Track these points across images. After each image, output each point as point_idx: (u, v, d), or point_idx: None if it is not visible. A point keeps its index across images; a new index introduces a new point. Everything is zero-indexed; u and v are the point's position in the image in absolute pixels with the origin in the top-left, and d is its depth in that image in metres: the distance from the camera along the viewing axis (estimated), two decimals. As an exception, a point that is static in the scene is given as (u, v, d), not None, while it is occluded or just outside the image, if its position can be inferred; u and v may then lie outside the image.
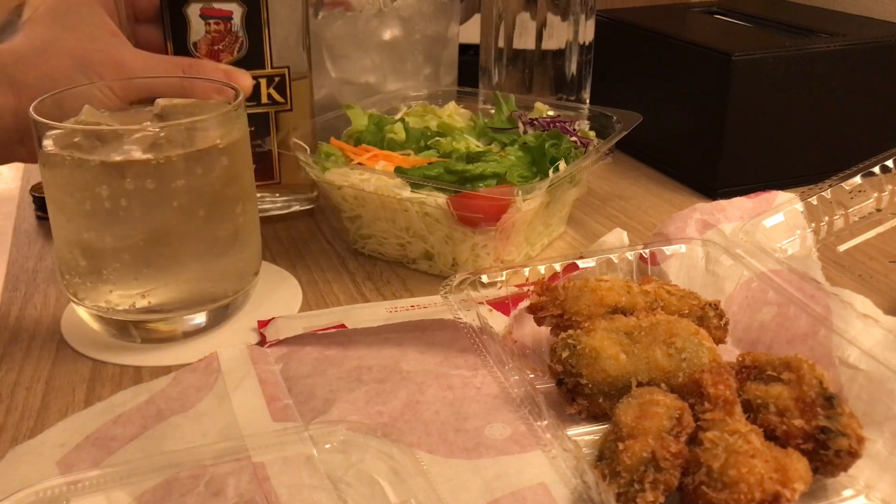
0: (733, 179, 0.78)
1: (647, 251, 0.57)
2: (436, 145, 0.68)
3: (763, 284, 0.53)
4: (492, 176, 0.61)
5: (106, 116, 0.55)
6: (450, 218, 0.60)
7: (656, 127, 0.82)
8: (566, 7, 0.80)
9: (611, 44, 0.90)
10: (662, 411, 0.40)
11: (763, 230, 0.57)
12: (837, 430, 0.39)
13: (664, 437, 0.39)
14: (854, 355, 0.46)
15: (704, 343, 0.46)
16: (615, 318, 0.48)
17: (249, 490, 0.41)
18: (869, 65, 0.80)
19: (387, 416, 0.46)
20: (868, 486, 0.41)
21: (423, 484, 0.41)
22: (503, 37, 0.82)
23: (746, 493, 0.36)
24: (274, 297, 0.61)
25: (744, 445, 0.38)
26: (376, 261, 0.67)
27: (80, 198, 0.50)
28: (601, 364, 0.45)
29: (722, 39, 0.83)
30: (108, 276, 0.52)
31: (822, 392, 0.41)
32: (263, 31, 0.67)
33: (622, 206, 0.78)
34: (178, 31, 0.65)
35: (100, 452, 0.44)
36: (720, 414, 0.40)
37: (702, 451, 0.38)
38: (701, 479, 0.37)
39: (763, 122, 0.78)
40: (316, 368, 0.51)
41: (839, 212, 0.59)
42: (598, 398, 0.45)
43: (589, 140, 0.70)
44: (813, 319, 0.49)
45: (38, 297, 0.62)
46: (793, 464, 0.37)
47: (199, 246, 0.53)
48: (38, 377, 0.52)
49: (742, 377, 0.44)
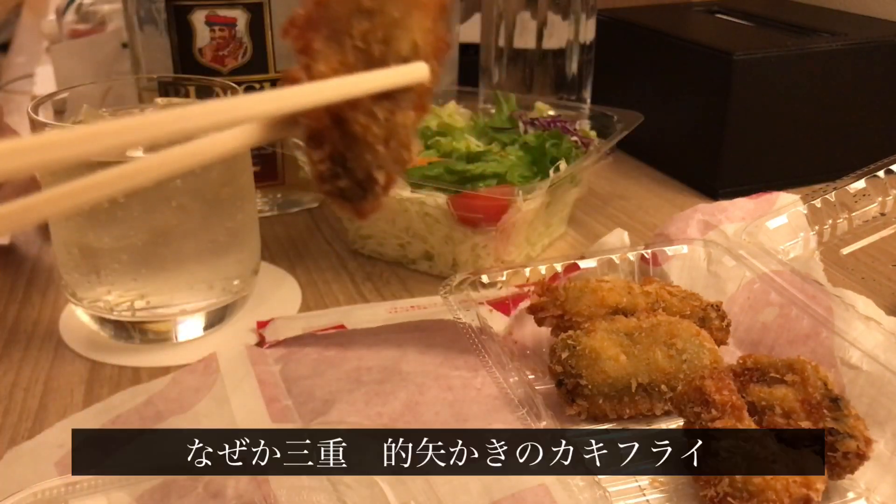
0: (735, 180, 0.78)
1: (648, 252, 0.57)
2: (436, 145, 0.67)
3: (765, 285, 0.52)
4: (492, 176, 0.61)
5: (105, 116, 0.55)
6: (450, 218, 0.60)
7: (657, 127, 0.82)
8: (567, 6, 0.79)
9: (612, 43, 0.90)
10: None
11: (766, 232, 0.57)
12: (845, 432, 0.39)
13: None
14: (856, 356, 0.45)
15: (705, 344, 0.46)
16: (616, 319, 0.48)
17: (248, 491, 0.40)
18: (871, 64, 0.79)
19: (386, 418, 0.46)
20: (869, 488, 0.41)
21: (422, 486, 0.41)
22: (503, 36, 0.82)
23: (775, 501, 0.36)
24: (273, 298, 0.61)
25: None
26: (376, 261, 0.67)
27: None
28: (601, 365, 0.45)
29: (723, 39, 0.83)
30: (107, 276, 0.51)
31: (828, 393, 0.40)
32: (267, 37, 0.67)
33: (623, 207, 0.78)
34: (183, 37, 0.66)
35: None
36: (730, 421, 0.39)
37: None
38: (724, 490, 0.37)
39: (765, 122, 0.78)
40: (315, 369, 0.51)
41: (843, 215, 0.59)
42: (597, 399, 0.45)
43: (590, 140, 0.69)
44: (815, 321, 0.49)
45: (36, 297, 0.61)
46: (810, 464, 0.37)
47: (197, 246, 0.53)
48: (37, 378, 0.52)
49: (744, 379, 0.43)
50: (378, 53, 0.29)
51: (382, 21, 0.29)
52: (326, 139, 0.29)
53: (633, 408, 0.46)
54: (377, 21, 0.29)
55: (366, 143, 0.29)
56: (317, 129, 0.29)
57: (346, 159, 0.29)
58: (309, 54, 0.29)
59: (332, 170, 0.30)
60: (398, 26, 0.29)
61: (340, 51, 0.29)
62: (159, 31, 0.67)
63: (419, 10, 0.30)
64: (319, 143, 0.29)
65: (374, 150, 0.29)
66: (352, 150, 0.29)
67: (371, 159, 0.29)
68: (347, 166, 0.29)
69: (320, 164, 0.30)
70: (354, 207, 0.31)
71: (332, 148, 0.29)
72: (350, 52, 0.29)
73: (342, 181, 0.30)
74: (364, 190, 0.30)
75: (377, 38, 0.29)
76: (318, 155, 0.29)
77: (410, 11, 0.29)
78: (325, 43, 0.29)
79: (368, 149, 0.29)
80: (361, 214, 0.31)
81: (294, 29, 0.29)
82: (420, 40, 0.30)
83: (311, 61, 0.29)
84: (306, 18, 0.29)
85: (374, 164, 0.30)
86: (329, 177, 0.30)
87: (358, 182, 0.30)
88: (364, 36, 0.29)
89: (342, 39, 0.29)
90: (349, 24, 0.29)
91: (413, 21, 0.29)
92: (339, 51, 0.29)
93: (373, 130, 0.29)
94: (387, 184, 0.30)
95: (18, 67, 1.17)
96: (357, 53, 0.29)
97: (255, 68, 0.67)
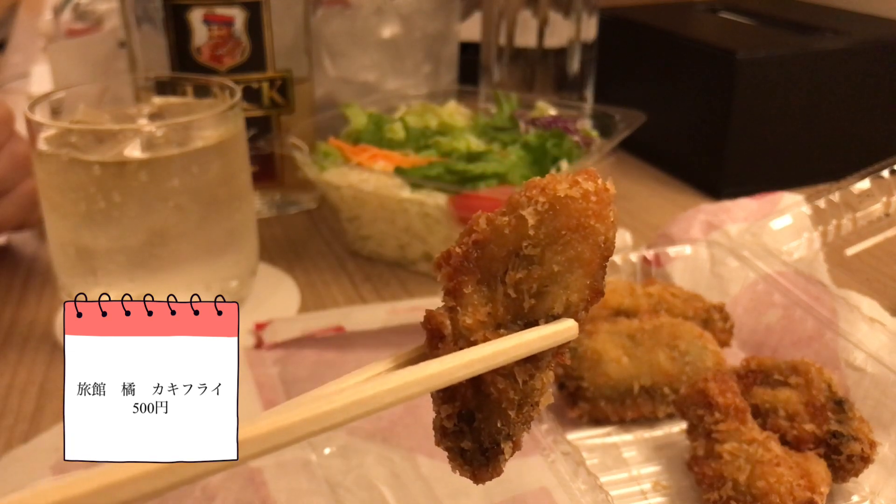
0: (738, 179, 0.78)
1: (650, 253, 0.57)
2: (436, 145, 0.67)
3: (768, 287, 0.52)
4: (493, 176, 0.61)
5: (103, 116, 0.54)
6: (450, 218, 0.60)
7: (660, 126, 0.82)
8: (568, 5, 0.79)
9: (613, 42, 0.89)
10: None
11: (769, 232, 0.56)
12: (850, 435, 0.39)
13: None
14: (860, 358, 0.45)
15: (708, 346, 0.46)
16: (618, 321, 0.47)
17: (246, 495, 0.40)
18: (874, 63, 0.79)
19: (386, 421, 0.45)
20: (874, 491, 0.41)
21: (422, 489, 0.40)
22: (504, 35, 0.81)
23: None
24: (271, 299, 0.60)
25: (766, 454, 0.37)
26: (375, 262, 0.67)
27: (74, 198, 0.49)
28: (603, 367, 0.45)
29: (726, 38, 0.82)
30: (103, 277, 0.51)
31: (832, 396, 0.40)
32: (265, 35, 0.67)
33: (625, 207, 0.77)
34: (180, 36, 0.65)
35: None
36: (734, 423, 0.39)
37: (723, 464, 0.37)
38: (728, 493, 0.37)
39: (768, 122, 0.77)
40: (314, 371, 0.50)
41: (847, 215, 0.58)
42: (599, 402, 0.45)
43: (591, 139, 0.69)
44: (819, 322, 0.48)
45: (32, 298, 0.61)
46: (814, 467, 0.37)
47: (194, 247, 0.52)
48: (33, 380, 0.51)
49: (748, 382, 0.43)
50: (528, 308, 0.27)
51: (540, 274, 0.26)
52: (458, 394, 0.27)
53: (635, 410, 0.45)
54: (534, 272, 0.26)
55: (499, 408, 0.27)
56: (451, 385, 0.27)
57: (474, 419, 0.27)
58: (457, 298, 0.27)
59: (458, 428, 0.28)
60: (556, 282, 0.27)
61: (491, 298, 0.27)
62: (157, 30, 0.66)
63: (582, 267, 0.27)
64: (451, 397, 0.27)
65: (507, 415, 0.27)
66: (482, 412, 0.27)
67: (501, 426, 0.27)
68: (474, 427, 0.27)
69: (447, 420, 0.28)
70: (473, 472, 0.28)
71: (462, 405, 0.27)
72: (500, 301, 0.27)
73: (466, 443, 0.28)
74: (487, 458, 0.28)
75: (531, 291, 0.27)
76: (446, 410, 0.27)
77: (572, 268, 0.27)
78: (475, 287, 0.27)
79: (501, 414, 0.27)
80: (478, 480, 0.29)
81: (447, 267, 0.28)
82: (576, 299, 0.27)
83: (459, 307, 0.27)
84: (462, 257, 0.27)
85: (503, 432, 0.27)
86: (453, 434, 0.28)
87: (482, 449, 0.28)
88: (517, 285, 0.27)
89: (494, 285, 0.27)
90: (504, 269, 0.27)
91: (573, 279, 0.27)
92: (490, 298, 0.27)
93: (509, 395, 0.27)
94: (512, 452, 0.28)
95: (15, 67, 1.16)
96: (507, 302, 0.27)
97: (253, 67, 0.67)
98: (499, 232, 0.27)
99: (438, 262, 0.28)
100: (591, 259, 0.27)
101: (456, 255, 0.27)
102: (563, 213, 0.26)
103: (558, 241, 0.26)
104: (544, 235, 0.26)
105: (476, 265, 0.27)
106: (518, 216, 0.27)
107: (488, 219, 0.28)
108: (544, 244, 0.26)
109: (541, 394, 0.28)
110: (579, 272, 0.27)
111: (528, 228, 0.26)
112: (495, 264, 0.27)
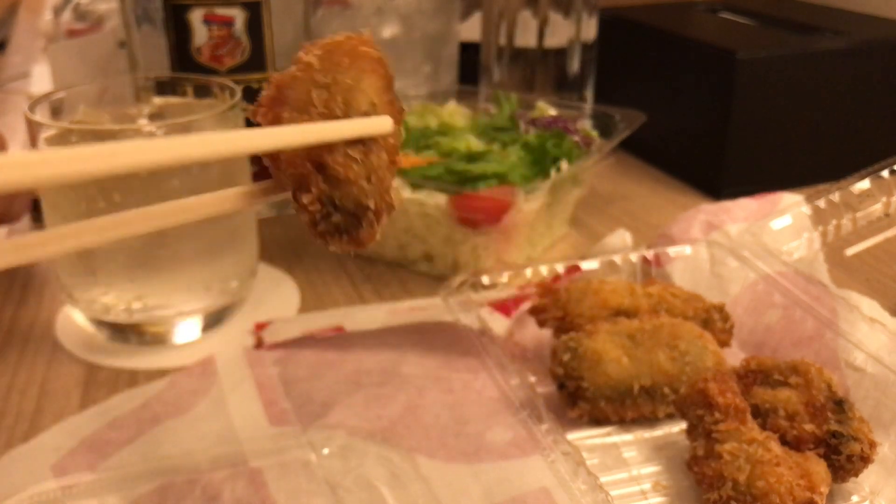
0: (738, 179, 0.78)
1: (650, 253, 0.57)
2: (436, 145, 0.67)
3: (768, 287, 0.52)
4: (493, 176, 0.61)
5: (103, 116, 0.54)
6: (450, 218, 0.60)
7: (660, 126, 0.82)
8: (568, 4, 0.79)
9: (614, 42, 0.89)
10: None
11: (769, 232, 0.56)
12: (849, 435, 0.39)
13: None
14: (860, 358, 0.45)
15: (708, 346, 0.46)
16: (618, 321, 0.47)
17: (246, 495, 0.40)
18: (876, 63, 0.79)
19: (386, 421, 0.45)
20: (874, 491, 0.41)
21: (422, 489, 0.40)
22: (504, 35, 0.81)
23: None
24: (271, 299, 0.60)
25: (766, 454, 0.37)
26: (375, 262, 0.67)
27: (74, 198, 0.49)
28: (603, 367, 0.45)
29: (726, 38, 0.82)
30: (104, 277, 0.51)
31: (832, 396, 0.40)
32: (265, 36, 0.67)
33: (625, 207, 0.77)
34: (180, 36, 0.65)
35: (95, 457, 0.43)
36: (733, 423, 0.39)
37: (723, 464, 0.37)
38: (728, 493, 0.37)
39: (768, 122, 0.77)
40: (314, 372, 0.50)
41: (847, 215, 0.58)
42: (599, 402, 0.45)
43: (591, 140, 0.69)
44: (819, 322, 0.48)
45: (32, 298, 0.61)
46: (814, 467, 0.37)
47: (195, 247, 0.52)
48: (33, 380, 0.51)
49: (748, 382, 0.43)
50: (341, 114, 0.32)
51: (338, 89, 0.32)
52: (312, 184, 0.31)
53: (635, 410, 0.45)
54: (333, 90, 0.32)
55: (349, 180, 0.31)
56: (301, 176, 0.31)
57: (334, 198, 0.32)
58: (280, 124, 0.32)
59: (324, 209, 0.32)
60: (354, 90, 0.32)
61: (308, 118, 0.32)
62: (157, 30, 0.66)
63: (368, 74, 0.32)
64: (306, 188, 0.31)
65: (359, 184, 0.32)
66: (338, 189, 0.31)
67: (358, 192, 0.32)
68: (337, 204, 0.32)
69: (311, 206, 0.32)
70: (352, 239, 0.32)
71: (318, 191, 0.31)
72: (316, 118, 0.31)
73: (335, 217, 0.32)
74: (358, 218, 0.32)
75: (337, 103, 0.32)
76: (307, 198, 0.32)
77: (361, 77, 0.32)
78: (291, 115, 0.32)
79: (353, 185, 0.31)
80: (360, 244, 0.33)
81: (262, 108, 0.32)
82: (376, 100, 0.32)
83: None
84: (271, 98, 0.32)
85: (361, 195, 0.32)
86: (322, 216, 0.32)
87: (350, 213, 0.32)
88: (326, 103, 0.31)
89: (308, 109, 0.32)
90: (310, 98, 0.31)
91: (366, 84, 0.32)
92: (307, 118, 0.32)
93: (353, 168, 0.31)
94: (377, 210, 0.32)
95: (15, 67, 1.16)
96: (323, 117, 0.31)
97: (253, 67, 0.67)
98: (291, 76, 0.32)
99: (255, 111, 0.32)
100: (375, 69, 0.33)
101: (266, 97, 0.32)
102: (337, 50, 0.32)
103: (341, 65, 0.32)
104: (330, 65, 0.32)
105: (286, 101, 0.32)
106: (303, 62, 0.32)
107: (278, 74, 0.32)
108: (333, 71, 0.32)
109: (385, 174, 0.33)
110: (370, 78, 0.32)
111: (315, 66, 0.32)
112: (301, 100, 0.32)
